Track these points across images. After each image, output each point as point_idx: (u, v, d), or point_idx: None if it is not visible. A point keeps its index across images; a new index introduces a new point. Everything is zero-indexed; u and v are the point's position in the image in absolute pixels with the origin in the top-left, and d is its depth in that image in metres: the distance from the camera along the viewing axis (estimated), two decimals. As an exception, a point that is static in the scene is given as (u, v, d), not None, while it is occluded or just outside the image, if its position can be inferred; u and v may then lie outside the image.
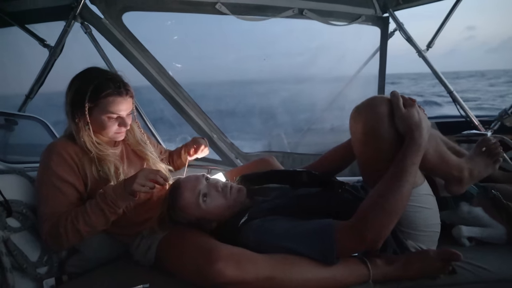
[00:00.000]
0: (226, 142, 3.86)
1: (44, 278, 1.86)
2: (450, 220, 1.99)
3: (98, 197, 1.83)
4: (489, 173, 1.90)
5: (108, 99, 1.90)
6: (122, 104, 1.95)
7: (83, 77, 1.96)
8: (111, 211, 1.82)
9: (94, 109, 1.91)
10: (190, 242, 1.74)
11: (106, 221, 1.85)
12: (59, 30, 3.13)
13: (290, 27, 5.34)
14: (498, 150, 1.90)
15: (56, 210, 1.82)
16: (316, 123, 5.80)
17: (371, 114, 1.66)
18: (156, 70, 3.44)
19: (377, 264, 1.64)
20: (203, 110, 3.73)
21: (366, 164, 1.79)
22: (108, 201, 1.80)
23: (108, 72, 2.00)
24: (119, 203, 1.82)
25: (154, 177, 1.83)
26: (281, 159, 4.14)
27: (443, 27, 3.88)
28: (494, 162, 1.91)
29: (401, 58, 12.11)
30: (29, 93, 3.19)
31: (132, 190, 1.78)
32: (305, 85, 10.79)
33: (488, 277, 1.64)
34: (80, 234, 1.80)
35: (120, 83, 1.96)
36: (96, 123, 1.95)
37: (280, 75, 15.33)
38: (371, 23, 3.97)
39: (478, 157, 1.87)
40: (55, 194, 1.84)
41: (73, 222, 1.78)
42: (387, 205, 1.51)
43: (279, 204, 1.89)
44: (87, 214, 1.80)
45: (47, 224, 1.79)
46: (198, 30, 10.89)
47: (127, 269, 1.96)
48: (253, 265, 1.52)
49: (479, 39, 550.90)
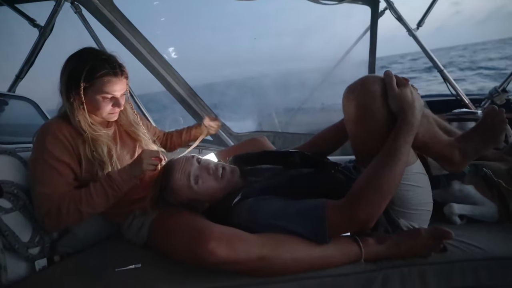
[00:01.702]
0: (217, 122, 3.85)
1: (35, 258, 1.86)
2: (442, 199, 2.00)
3: (103, 180, 1.88)
4: (490, 148, 1.84)
5: (103, 79, 1.91)
6: (117, 84, 1.96)
7: (79, 57, 1.96)
8: (114, 195, 1.88)
9: (89, 89, 1.91)
10: (182, 222, 1.74)
11: (107, 204, 1.90)
12: (49, 10, 3.10)
13: (281, 6, 5.32)
14: (502, 121, 1.77)
15: (55, 190, 1.83)
16: (307, 102, 5.81)
17: (364, 94, 1.66)
18: (147, 50, 3.42)
19: (369, 243, 1.65)
20: (194, 90, 3.73)
21: (358, 143, 1.79)
22: (114, 185, 1.86)
23: (103, 52, 2.00)
24: (124, 187, 1.89)
25: (157, 154, 1.92)
26: (272, 138, 4.16)
27: (433, 5, 3.87)
28: (498, 135, 1.78)
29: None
30: (19, 73, 3.17)
31: (142, 170, 1.89)
32: (296, 64, 10.80)
33: (479, 255, 1.65)
34: (82, 215, 1.84)
35: (116, 63, 1.97)
36: (90, 103, 1.95)
37: (270, 55, 15.34)
38: (362, 2, 3.94)
39: (475, 134, 1.83)
40: (53, 174, 1.85)
41: (76, 203, 1.81)
42: (380, 184, 1.51)
43: (272, 184, 1.89)
44: (91, 197, 1.84)
45: (47, 204, 1.80)
46: (187, 10, 10.85)
47: (119, 249, 1.96)
48: (245, 245, 1.52)
49: (466, 13, 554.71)
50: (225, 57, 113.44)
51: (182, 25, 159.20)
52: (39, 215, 1.83)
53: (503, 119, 1.77)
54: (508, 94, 3.78)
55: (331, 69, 5.14)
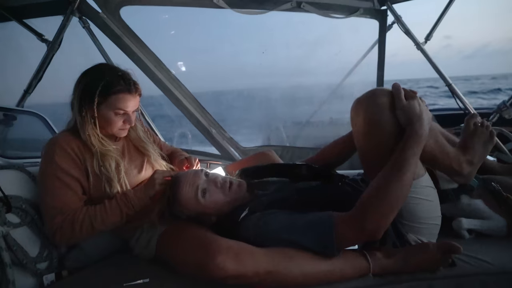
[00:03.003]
0: (225, 137, 3.86)
1: (44, 273, 1.86)
2: (450, 213, 1.99)
3: (119, 198, 1.90)
4: (489, 149, 1.90)
5: (118, 95, 1.92)
6: (130, 101, 1.97)
7: (95, 71, 1.98)
8: (128, 213, 1.90)
9: (102, 104, 1.92)
10: (189, 236, 1.74)
11: (120, 222, 1.91)
12: (57, 25, 3.12)
13: (289, 20, 5.35)
14: (486, 125, 1.91)
15: (65, 204, 1.83)
16: (315, 116, 5.79)
17: (372, 106, 1.66)
18: (154, 64, 3.43)
19: (377, 257, 1.65)
20: (202, 104, 3.73)
21: (367, 156, 1.79)
22: (129, 203, 1.89)
23: (118, 69, 2.02)
24: (137, 206, 1.91)
25: (168, 174, 1.98)
26: (280, 152, 4.14)
27: (441, 19, 3.87)
28: (490, 136, 1.91)
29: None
30: (28, 88, 3.18)
31: (155, 191, 1.93)
32: (304, 78, 10.78)
33: (488, 270, 1.65)
34: (94, 231, 1.84)
35: (131, 80, 1.99)
36: (102, 118, 1.96)
37: (279, 68, 15.34)
38: (369, 16, 3.95)
39: (472, 142, 1.87)
40: (63, 189, 1.85)
41: (91, 219, 1.82)
42: (388, 196, 1.51)
43: (279, 197, 1.89)
44: (106, 214, 1.86)
45: (60, 218, 1.79)
46: (196, 24, 10.92)
47: (127, 263, 1.96)
48: (252, 259, 1.52)
49: (455, 47, 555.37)
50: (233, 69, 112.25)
51: (192, 38, 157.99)
52: (50, 229, 1.82)
53: (481, 120, 1.91)
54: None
55: (340, 83, 5.14)
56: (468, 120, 1.94)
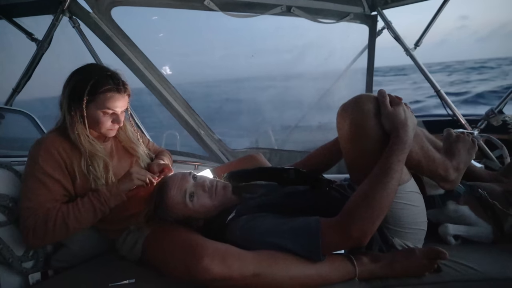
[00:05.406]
0: (213, 139, 3.87)
1: (29, 272, 1.87)
2: (437, 219, 2.00)
3: (91, 194, 1.89)
4: (473, 155, 1.93)
5: (106, 94, 1.92)
6: (119, 101, 1.98)
7: (84, 71, 1.99)
8: (102, 209, 1.89)
9: (91, 103, 1.93)
10: (176, 239, 1.74)
11: (94, 219, 1.89)
12: (47, 24, 3.11)
13: (278, 24, 5.37)
14: (463, 136, 1.94)
15: (41, 205, 1.81)
16: (304, 120, 5.82)
17: (357, 112, 1.67)
18: (144, 65, 3.43)
19: (363, 262, 1.65)
20: (191, 106, 3.73)
21: (352, 162, 1.79)
22: (101, 199, 1.88)
23: (108, 68, 2.02)
24: (111, 202, 1.90)
25: (145, 173, 1.98)
26: (268, 155, 4.17)
27: (431, 25, 3.91)
28: (473, 142, 1.93)
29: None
30: (16, 87, 3.17)
31: (131, 185, 1.95)
32: (293, 82, 10.81)
33: (473, 276, 1.65)
34: (68, 230, 1.81)
35: (120, 80, 1.99)
36: (91, 117, 1.96)
37: (268, 72, 15.32)
38: (360, 21, 3.99)
39: (456, 148, 1.89)
40: (41, 190, 1.83)
41: (64, 217, 1.80)
42: (373, 201, 1.52)
43: (267, 201, 1.89)
44: (78, 211, 1.84)
45: (32, 219, 1.77)
46: (186, 26, 10.91)
47: (113, 264, 1.96)
48: (239, 262, 1.52)
49: (471, 28, 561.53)
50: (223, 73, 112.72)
51: (180, 41, 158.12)
52: (23, 230, 1.80)
53: (457, 134, 1.95)
54: (504, 115, 3.79)
55: (329, 88, 5.16)
56: (448, 130, 1.99)
